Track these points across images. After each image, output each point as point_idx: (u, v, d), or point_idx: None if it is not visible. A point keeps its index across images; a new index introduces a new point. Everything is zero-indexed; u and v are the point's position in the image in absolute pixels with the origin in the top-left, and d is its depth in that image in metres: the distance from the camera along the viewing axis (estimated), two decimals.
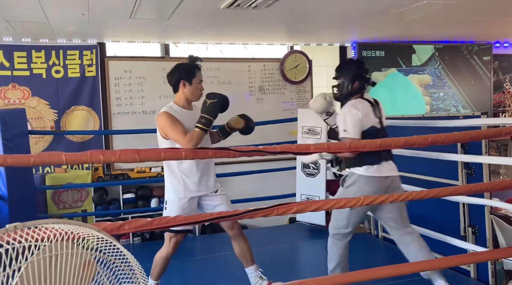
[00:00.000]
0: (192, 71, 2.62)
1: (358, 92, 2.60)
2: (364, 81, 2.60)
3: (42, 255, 0.77)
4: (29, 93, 4.61)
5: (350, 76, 2.58)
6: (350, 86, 2.59)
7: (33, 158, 1.25)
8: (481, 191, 1.69)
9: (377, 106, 2.61)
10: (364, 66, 2.64)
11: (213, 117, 2.33)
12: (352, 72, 2.59)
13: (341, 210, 2.48)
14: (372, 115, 2.53)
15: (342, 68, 2.67)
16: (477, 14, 4.33)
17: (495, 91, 6.14)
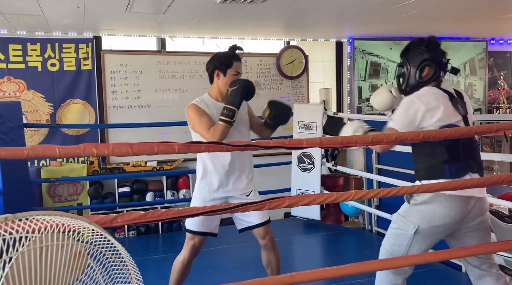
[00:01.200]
0: (229, 61, 2.35)
1: (429, 81, 2.01)
2: (439, 67, 2.01)
3: (33, 246, 0.78)
4: (24, 86, 4.60)
5: (417, 62, 2.03)
6: (418, 74, 2.02)
7: (26, 150, 1.25)
8: (472, 186, 1.70)
9: (459, 99, 1.99)
10: (437, 47, 2.06)
11: (235, 107, 2.17)
12: (420, 56, 2.04)
13: (399, 230, 1.98)
14: (451, 110, 1.92)
15: (407, 52, 2.11)
16: (472, 11, 4.34)
17: (490, 88, 6.17)
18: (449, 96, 1.97)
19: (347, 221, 4.56)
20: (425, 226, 1.91)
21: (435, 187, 1.76)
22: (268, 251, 2.52)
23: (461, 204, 1.87)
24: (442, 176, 1.88)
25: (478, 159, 1.98)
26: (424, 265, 2.96)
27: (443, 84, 2.03)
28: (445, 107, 1.91)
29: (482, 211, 1.95)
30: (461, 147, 1.91)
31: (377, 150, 2.06)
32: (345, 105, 5.78)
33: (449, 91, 1.99)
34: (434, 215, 1.89)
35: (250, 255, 3.64)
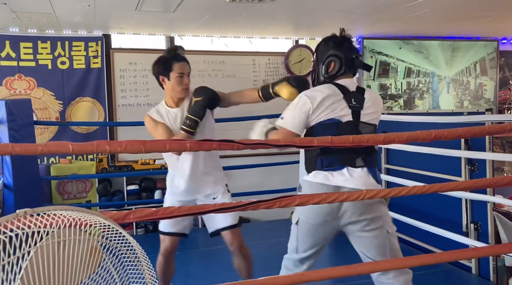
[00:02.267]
0: (168, 63, 2.25)
1: (336, 77, 1.96)
2: (345, 62, 1.95)
3: (51, 240, 0.79)
4: (34, 84, 4.64)
5: (323, 57, 1.99)
6: (324, 69, 1.98)
7: (40, 146, 1.27)
8: (483, 186, 1.69)
9: (357, 94, 1.93)
10: (346, 43, 2.00)
11: (199, 118, 2.11)
12: (326, 51, 1.99)
13: (292, 225, 2.01)
14: (341, 105, 1.87)
15: (317, 48, 2.06)
16: (483, 10, 4.30)
17: (501, 88, 6.11)
18: (342, 91, 1.90)
19: None
20: (302, 217, 1.92)
21: (446, 187, 1.75)
22: (237, 258, 2.41)
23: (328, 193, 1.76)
24: (315, 168, 1.87)
25: (365, 153, 1.86)
26: (433, 266, 2.95)
27: (345, 81, 1.95)
28: (332, 103, 1.87)
29: (361, 206, 1.81)
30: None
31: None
32: None
33: (343, 86, 1.92)
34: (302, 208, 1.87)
35: (258, 253, 3.65)
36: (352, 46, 2.02)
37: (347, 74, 1.97)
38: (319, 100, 1.86)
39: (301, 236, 1.93)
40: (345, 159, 1.84)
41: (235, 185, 5.17)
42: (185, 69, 2.29)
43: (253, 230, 4.51)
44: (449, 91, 5.90)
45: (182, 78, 2.26)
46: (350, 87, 1.93)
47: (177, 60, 2.27)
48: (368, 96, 1.95)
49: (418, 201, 3.52)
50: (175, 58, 2.27)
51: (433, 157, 3.17)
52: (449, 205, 3.22)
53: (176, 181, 2.36)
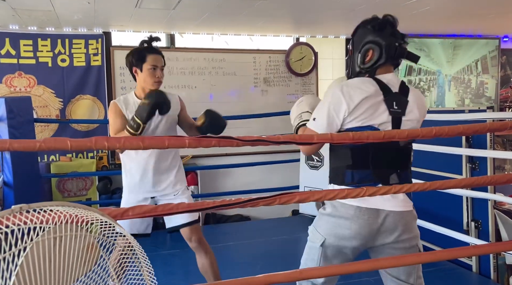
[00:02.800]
0: (141, 55, 2.22)
1: (373, 68, 1.66)
2: (385, 51, 1.63)
3: (47, 236, 0.78)
4: (34, 81, 4.63)
5: (360, 44, 1.68)
6: (359, 58, 1.68)
7: (38, 143, 1.26)
8: (484, 184, 1.68)
9: (400, 97, 1.64)
10: (389, 27, 1.66)
11: (141, 121, 2.04)
12: (364, 37, 1.67)
13: (310, 243, 1.78)
14: (380, 109, 1.59)
15: (354, 33, 1.74)
16: (485, 8, 4.28)
17: (502, 86, 6.09)
18: (384, 91, 1.61)
19: None
20: (332, 239, 1.68)
21: (447, 185, 1.73)
22: (199, 255, 2.39)
23: (366, 217, 1.60)
24: (342, 181, 1.64)
25: (402, 170, 1.65)
26: (433, 264, 2.94)
27: (387, 76, 1.67)
28: (371, 105, 1.58)
29: (398, 226, 1.63)
30: (373, 153, 1.60)
31: (302, 152, 1.79)
32: None
33: (385, 84, 1.63)
34: (339, 227, 1.65)
35: (258, 251, 3.65)
36: (396, 31, 1.68)
37: (387, 66, 1.67)
38: (357, 102, 1.57)
39: (325, 260, 1.70)
40: (379, 174, 1.61)
41: (237, 183, 5.19)
42: (159, 62, 2.25)
43: (253, 228, 4.51)
44: (450, 89, 5.89)
45: (155, 70, 2.23)
46: (393, 85, 1.65)
47: (151, 52, 2.24)
48: (412, 99, 1.66)
49: (419, 198, 3.50)
50: (149, 50, 2.25)
51: (434, 154, 3.16)
52: (450, 203, 3.21)
53: (129, 178, 2.33)
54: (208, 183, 5.05)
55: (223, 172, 5.15)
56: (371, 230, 1.63)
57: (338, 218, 1.65)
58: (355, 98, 1.58)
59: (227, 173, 5.18)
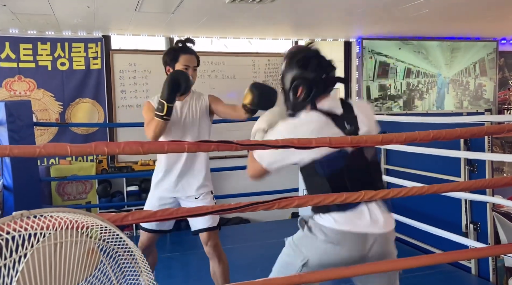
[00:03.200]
0: (176, 55, 2.28)
1: (307, 102, 1.65)
2: (314, 85, 1.64)
3: (48, 242, 0.79)
4: (34, 85, 4.64)
5: (289, 81, 1.69)
6: (292, 94, 1.68)
7: (38, 148, 1.27)
8: (482, 187, 1.69)
9: (347, 116, 1.65)
10: (312, 61, 1.67)
11: (165, 100, 2.04)
12: (290, 74, 1.68)
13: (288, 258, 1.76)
14: (336, 133, 1.59)
15: (284, 66, 1.73)
16: (483, 11, 4.30)
17: (500, 89, 6.11)
18: (332, 117, 1.62)
19: None
20: (315, 261, 1.65)
21: (445, 188, 1.75)
22: (212, 260, 2.42)
23: (354, 242, 1.59)
24: (328, 209, 1.60)
25: (377, 184, 1.65)
26: (432, 267, 2.95)
27: (325, 102, 1.66)
28: (322, 132, 1.54)
29: (384, 248, 1.64)
30: (348, 176, 1.61)
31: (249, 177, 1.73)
32: None
33: (329, 111, 1.63)
34: (325, 251, 1.61)
35: (257, 254, 3.65)
36: (321, 62, 1.69)
37: (323, 96, 1.67)
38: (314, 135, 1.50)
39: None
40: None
41: (235, 186, 5.19)
42: (191, 62, 2.28)
43: (253, 230, 4.52)
44: (449, 92, 5.90)
45: (187, 70, 2.25)
46: (336, 109, 1.65)
47: (185, 52, 2.28)
48: (357, 111, 1.68)
49: (418, 201, 3.52)
50: (183, 50, 2.28)
51: (433, 157, 3.17)
52: (449, 205, 3.22)
53: (161, 178, 2.36)
54: None
55: (222, 174, 5.15)
56: (359, 255, 1.62)
57: (325, 243, 1.62)
58: (305, 131, 1.56)
59: (226, 175, 5.18)
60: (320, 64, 1.68)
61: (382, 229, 1.61)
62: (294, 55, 1.70)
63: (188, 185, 2.34)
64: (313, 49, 1.72)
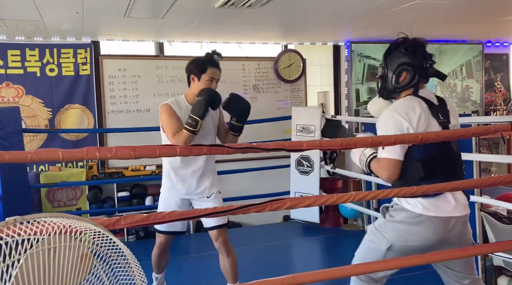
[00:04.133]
0: (203, 66, 2.42)
1: (406, 87, 1.85)
2: (418, 72, 1.83)
3: (41, 247, 0.79)
4: (23, 91, 4.60)
5: (394, 65, 1.86)
6: (394, 79, 1.86)
7: (30, 154, 1.27)
8: (470, 187, 1.72)
9: (441, 108, 1.84)
10: (419, 49, 1.86)
11: (199, 117, 2.21)
12: (397, 59, 1.86)
13: (372, 244, 1.88)
14: (432, 121, 1.78)
15: (387, 54, 1.95)
16: (468, 14, 4.38)
17: (487, 90, 6.21)
18: (429, 106, 1.81)
19: (346, 224, 4.57)
20: (399, 244, 1.81)
21: (434, 188, 1.77)
22: (221, 255, 2.57)
23: (439, 225, 1.76)
24: (416, 195, 1.71)
25: (460, 174, 1.84)
26: (423, 267, 2.98)
27: (423, 91, 1.87)
28: (424, 120, 1.76)
29: (463, 229, 1.82)
30: (439, 163, 1.79)
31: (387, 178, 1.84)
32: (343, 108, 5.80)
33: (428, 99, 1.83)
34: (410, 234, 1.78)
35: (250, 258, 3.65)
36: (425, 52, 1.88)
37: (421, 84, 1.87)
38: (416, 120, 1.76)
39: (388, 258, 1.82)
40: (448, 181, 1.72)
41: (227, 190, 5.19)
42: (216, 75, 2.46)
43: (245, 234, 4.52)
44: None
45: (212, 82, 2.43)
46: (432, 99, 1.85)
47: (212, 65, 2.44)
48: (450, 108, 1.88)
49: None
50: (212, 63, 2.44)
51: None
52: None
53: (172, 178, 2.49)
54: None
55: None
56: (442, 236, 1.78)
57: (410, 225, 1.77)
58: (413, 118, 1.76)
59: (219, 179, 5.18)
60: (425, 54, 1.87)
61: (463, 211, 1.79)
62: (402, 41, 1.90)
63: (203, 185, 2.51)
64: (421, 40, 1.90)
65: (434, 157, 1.77)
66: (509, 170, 4.91)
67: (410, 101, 1.81)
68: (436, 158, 1.77)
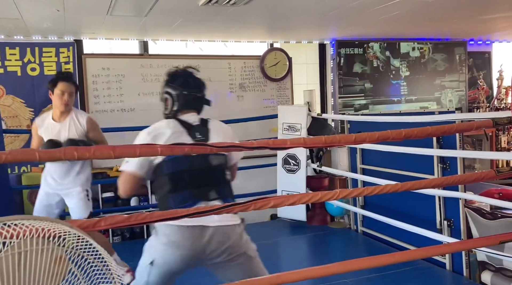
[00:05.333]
0: (54, 81, 2.80)
1: (174, 113, 1.95)
2: (177, 99, 1.95)
3: (11, 251, 0.76)
4: (3, 91, 4.50)
5: (161, 94, 2.03)
6: (163, 105, 2.01)
7: (4, 155, 1.22)
8: (453, 183, 1.73)
9: (201, 127, 1.92)
10: (180, 78, 2.00)
11: None
12: (163, 88, 2.02)
13: (142, 260, 1.84)
14: (186, 140, 1.84)
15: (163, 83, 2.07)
16: (451, 12, 4.43)
17: (470, 88, 6.29)
18: (185, 126, 1.89)
19: (333, 222, 4.58)
20: (160, 260, 1.77)
21: (418, 185, 1.78)
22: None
23: (191, 234, 1.72)
24: (167, 207, 1.73)
25: (218, 185, 1.86)
26: (408, 263, 3.00)
27: (188, 115, 1.94)
28: (175, 138, 1.80)
29: (227, 240, 1.77)
30: (188, 175, 1.80)
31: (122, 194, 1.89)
32: (329, 106, 5.82)
33: (185, 121, 1.91)
34: (165, 248, 1.74)
35: None
36: (187, 81, 2.01)
37: (187, 110, 1.96)
38: (164, 140, 1.80)
39: (154, 278, 1.78)
40: (198, 193, 1.79)
41: None
42: (67, 88, 2.81)
43: None
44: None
45: (63, 95, 2.79)
46: (192, 121, 1.93)
47: (63, 79, 2.82)
48: (212, 126, 1.95)
49: (393, 199, 3.58)
50: (61, 78, 2.82)
51: (407, 156, 3.23)
52: (423, 202, 3.28)
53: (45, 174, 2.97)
54: None
55: None
56: (199, 248, 1.74)
57: (163, 239, 1.74)
58: (160, 138, 1.82)
59: None
60: (186, 83, 2.00)
61: (217, 222, 1.74)
62: (168, 73, 2.04)
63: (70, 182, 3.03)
64: (187, 70, 2.05)
65: (184, 171, 1.80)
66: (492, 166, 4.98)
67: (163, 123, 1.90)
68: (186, 172, 1.80)
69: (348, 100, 5.67)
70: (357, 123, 4.12)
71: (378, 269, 2.84)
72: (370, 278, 2.94)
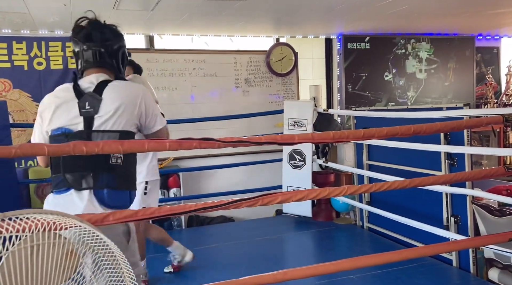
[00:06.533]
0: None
1: (81, 74, 1.74)
2: (80, 55, 1.71)
3: (23, 245, 0.76)
4: (10, 85, 4.52)
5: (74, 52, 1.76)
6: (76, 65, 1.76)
7: (14, 149, 1.23)
8: (462, 180, 1.72)
9: (92, 96, 1.62)
10: (83, 31, 1.72)
11: None
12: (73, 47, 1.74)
13: None
14: (73, 110, 1.61)
15: None
16: (459, 7, 4.38)
17: (478, 84, 6.23)
18: (77, 95, 1.63)
19: (338, 218, 4.57)
20: None
21: (426, 181, 1.77)
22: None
23: None
24: (52, 188, 1.63)
25: (100, 173, 1.56)
26: (415, 260, 2.99)
27: (88, 78, 1.68)
28: (64, 109, 1.61)
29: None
30: (63, 159, 1.57)
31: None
32: (335, 102, 5.79)
33: (81, 88, 1.64)
34: None
35: (242, 252, 3.64)
36: (90, 34, 1.71)
37: (91, 69, 1.69)
38: (53, 109, 1.63)
39: None
40: (70, 178, 1.56)
41: (220, 184, 5.17)
42: None
43: (237, 229, 4.50)
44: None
45: None
46: (86, 87, 1.65)
47: None
48: (107, 95, 1.62)
49: (400, 196, 3.56)
50: None
51: (414, 152, 3.21)
52: (430, 199, 3.26)
53: None
54: (190, 185, 5.01)
55: (206, 173, 5.12)
56: None
57: None
58: (48, 106, 1.66)
59: (209, 174, 5.16)
60: (88, 35, 1.71)
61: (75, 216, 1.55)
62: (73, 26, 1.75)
63: None
64: (93, 22, 1.76)
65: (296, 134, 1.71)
66: (499, 162, 4.94)
67: (58, 90, 1.72)
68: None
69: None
70: (364, 119, 4.10)
71: (383, 265, 2.83)
72: (376, 274, 2.94)
